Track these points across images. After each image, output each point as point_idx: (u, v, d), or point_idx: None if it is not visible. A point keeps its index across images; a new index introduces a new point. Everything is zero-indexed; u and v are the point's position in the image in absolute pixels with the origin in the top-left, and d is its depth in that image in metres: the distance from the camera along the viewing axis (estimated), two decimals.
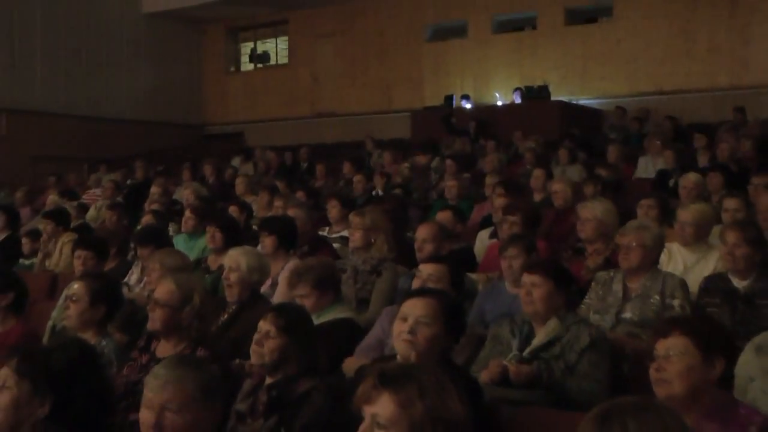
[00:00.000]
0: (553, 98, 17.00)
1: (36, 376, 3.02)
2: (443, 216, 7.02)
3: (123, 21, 21.03)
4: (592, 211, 5.94)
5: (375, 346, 4.53)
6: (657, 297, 4.75)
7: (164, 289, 4.26)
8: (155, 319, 4.20)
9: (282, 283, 5.65)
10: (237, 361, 4.37)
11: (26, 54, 18.94)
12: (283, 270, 5.80)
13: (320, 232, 7.90)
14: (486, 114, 16.77)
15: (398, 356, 3.49)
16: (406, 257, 6.30)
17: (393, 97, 20.02)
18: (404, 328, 3.45)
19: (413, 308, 3.49)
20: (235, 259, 5.23)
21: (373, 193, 10.93)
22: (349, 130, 19.81)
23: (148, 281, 5.66)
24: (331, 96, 21.05)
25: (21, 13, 18.78)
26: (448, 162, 11.69)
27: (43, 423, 2.99)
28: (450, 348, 3.60)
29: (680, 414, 2.27)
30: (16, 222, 9.70)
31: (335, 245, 7.32)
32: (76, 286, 4.70)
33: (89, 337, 4.50)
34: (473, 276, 5.93)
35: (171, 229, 8.53)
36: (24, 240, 8.86)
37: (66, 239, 8.18)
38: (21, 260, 8.65)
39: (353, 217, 6.36)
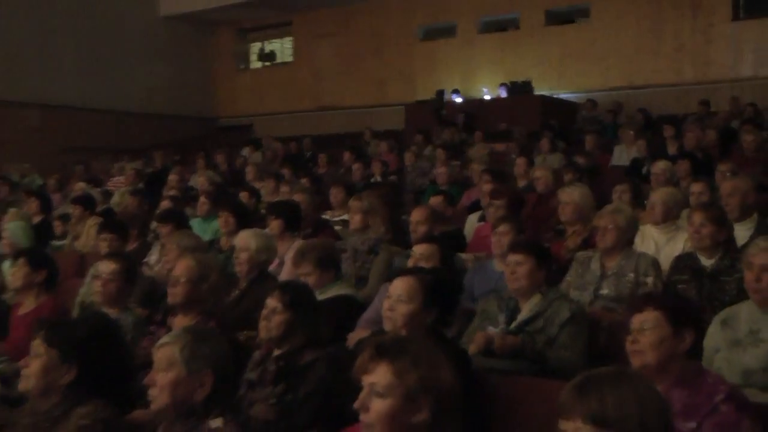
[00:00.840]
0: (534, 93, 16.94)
1: (62, 345, 3.04)
2: (435, 200, 7.02)
3: (142, 23, 21.02)
4: (571, 196, 5.91)
5: (374, 319, 4.50)
6: (631, 275, 4.73)
7: (185, 266, 4.23)
8: (176, 294, 4.17)
9: (288, 262, 5.62)
10: (244, 332, 4.35)
11: (57, 55, 18.90)
12: (289, 250, 5.77)
13: (323, 216, 7.87)
14: (474, 107, 16.71)
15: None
16: (401, 238, 6.28)
17: (388, 92, 19.95)
18: (386, 305, 3.52)
19: (395, 287, 3.54)
20: (245, 240, 5.21)
21: (372, 179, 10.90)
22: (349, 121, 19.81)
23: (165, 260, 5.63)
24: (331, 91, 20.98)
25: (51, 19, 18.76)
26: (439, 151, 11.65)
27: (70, 387, 3.01)
28: (441, 321, 3.57)
29: (653, 382, 2.24)
30: (48, 207, 9.69)
31: (336, 227, 7.29)
32: (102, 266, 4.69)
33: (113, 311, 4.48)
34: (462, 255, 5.91)
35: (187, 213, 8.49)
36: (56, 223, 8.87)
37: (92, 222, 8.15)
38: (53, 241, 8.64)
39: (352, 202, 6.34)
